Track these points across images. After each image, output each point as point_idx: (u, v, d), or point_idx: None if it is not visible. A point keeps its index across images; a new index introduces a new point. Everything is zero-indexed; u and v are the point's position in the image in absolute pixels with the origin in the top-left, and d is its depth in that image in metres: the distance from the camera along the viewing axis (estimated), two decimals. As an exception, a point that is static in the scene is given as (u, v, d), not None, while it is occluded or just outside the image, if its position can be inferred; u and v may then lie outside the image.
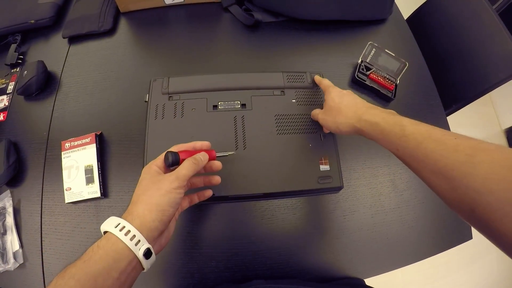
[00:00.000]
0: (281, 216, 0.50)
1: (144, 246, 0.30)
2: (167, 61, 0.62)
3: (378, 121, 0.35)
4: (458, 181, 0.25)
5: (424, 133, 0.29)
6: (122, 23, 0.68)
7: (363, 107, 0.39)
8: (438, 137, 0.28)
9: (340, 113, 0.40)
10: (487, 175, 0.23)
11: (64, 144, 0.54)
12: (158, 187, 0.33)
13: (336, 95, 0.43)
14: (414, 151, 0.30)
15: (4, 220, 0.55)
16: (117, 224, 0.30)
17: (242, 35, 0.63)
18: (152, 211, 0.31)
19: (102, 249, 0.29)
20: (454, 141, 0.27)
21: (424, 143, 0.29)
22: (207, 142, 0.41)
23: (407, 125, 0.31)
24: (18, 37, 0.69)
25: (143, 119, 0.52)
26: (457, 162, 0.25)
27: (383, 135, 0.34)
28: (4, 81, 0.66)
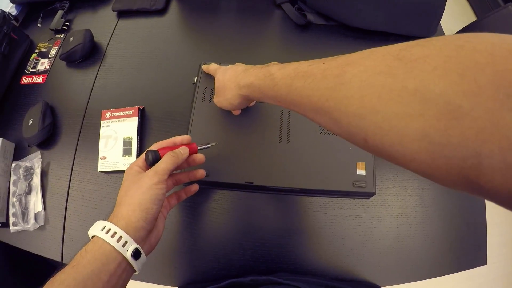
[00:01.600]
0: (312, 213, 0.50)
1: (132, 246, 0.30)
2: (214, 48, 0.63)
3: (252, 81, 0.33)
4: (337, 111, 0.20)
5: (291, 73, 0.26)
6: (174, 4, 0.68)
7: (241, 73, 0.36)
8: (304, 71, 0.24)
9: (226, 88, 0.39)
10: (362, 92, 0.18)
11: (104, 114, 0.54)
12: (139, 185, 0.33)
13: (221, 73, 0.41)
14: (289, 97, 0.26)
15: (31, 180, 0.55)
16: (103, 227, 0.30)
17: (292, 33, 0.64)
18: (135, 211, 0.31)
19: (90, 253, 0.29)
20: (322, 66, 0.23)
21: (294, 83, 0.25)
22: (188, 136, 0.40)
23: (275, 72, 0.29)
24: (66, 4, 0.70)
25: (187, 100, 0.53)
26: (328, 90, 0.21)
27: (262, 93, 0.32)
28: (47, 45, 0.67)
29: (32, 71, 0.64)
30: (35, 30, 0.69)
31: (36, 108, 0.58)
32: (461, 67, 0.14)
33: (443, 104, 0.14)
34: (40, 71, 0.64)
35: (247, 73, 0.35)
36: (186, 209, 0.50)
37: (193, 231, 0.49)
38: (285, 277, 0.42)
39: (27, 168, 0.56)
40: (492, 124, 0.12)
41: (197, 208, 0.50)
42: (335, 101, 0.20)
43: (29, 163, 0.56)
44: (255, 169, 0.46)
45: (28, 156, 0.57)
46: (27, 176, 0.56)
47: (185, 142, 0.39)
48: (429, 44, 0.17)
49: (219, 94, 0.43)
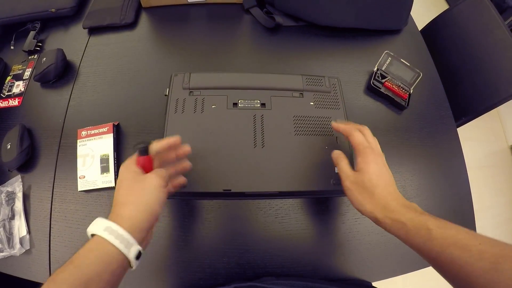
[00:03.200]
0: (294, 215, 0.50)
1: (136, 248, 0.30)
2: (186, 58, 0.63)
3: (404, 222, 0.34)
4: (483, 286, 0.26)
5: (450, 239, 0.30)
6: (143, 18, 0.68)
7: (393, 202, 0.36)
8: (463, 244, 0.29)
9: (371, 199, 0.37)
10: (510, 282, 0.24)
11: (80, 132, 0.54)
12: (143, 186, 0.33)
13: (374, 172, 0.38)
14: (439, 255, 0.30)
15: (13, 205, 0.55)
16: (106, 227, 0.30)
17: (262, 37, 0.64)
18: (141, 212, 0.32)
19: (93, 252, 0.29)
20: (479, 247, 0.28)
21: (450, 249, 0.29)
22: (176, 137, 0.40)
23: (433, 229, 0.31)
24: (37, 25, 0.69)
25: (160, 113, 0.52)
26: (481, 270, 0.26)
27: (408, 236, 0.33)
28: (21, 67, 0.66)
29: (7, 95, 0.64)
30: (8, 53, 0.69)
31: (13, 131, 0.57)
32: None
33: None
34: (15, 94, 0.63)
35: (400, 210, 0.35)
36: (169, 222, 0.50)
37: (177, 243, 0.49)
38: (270, 281, 0.42)
39: (8, 193, 0.56)
40: None
41: (180, 220, 0.50)
42: (485, 281, 0.26)
43: (10, 187, 0.56)
44: (232, 176, 0.46)
45: (9, 181, 0.56)
46: (9, 201, 0.55)
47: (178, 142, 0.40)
48: None
49: (359, 192, 0.38)
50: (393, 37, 0.70)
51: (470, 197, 0.57)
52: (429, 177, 0.57)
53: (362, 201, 0.38)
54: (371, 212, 0.37)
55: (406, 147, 0.59)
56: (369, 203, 0.37)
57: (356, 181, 0.39)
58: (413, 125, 0.61)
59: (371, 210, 0.37)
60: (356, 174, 0.39)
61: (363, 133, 0.42)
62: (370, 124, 0.58)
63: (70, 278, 0.27)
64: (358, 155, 0.40)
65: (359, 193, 0.38)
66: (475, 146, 1.53)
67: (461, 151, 0.60)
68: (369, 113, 0.61)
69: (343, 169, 0.41)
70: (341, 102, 0.53)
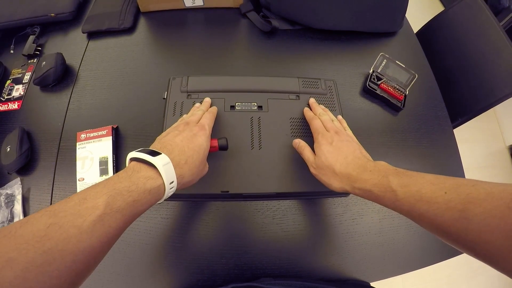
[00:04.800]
0: (291, 216, 0.51)
1: (173, 191, 0.34)
2: (184, 61, 0.63)
3: (370, 188, 0.35)
4: (456, 235, 0.27)
5: (415, 196, 0.30)
6: (142, 22, 0.69)
7: (355, 172, 0.37)
8: (428, 197, 0.29)
9: (335, 176, 0.39)
10: (481, 228, 0.25)
11: (79, 135, 0.54)
12: (196, 144, 0.38)
13: (328, 151, 0.40)
14: (409, 213, 0.31)
15: (12, 207, 0.55)
16: (172, 182, 0.33)
17: (259, 40, 0.65)
18: (192, 170, 0.36)
19: (151, 195, 0.31)
20: (445, 197, 0.28)
21: (417, 205, 0.30)
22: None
23: (397, 190, 0.32)
24: (37, 29, 0.70)
25: (159, 116, 0.53)
26: (451, 219, 0.27)
27: (378, 200, 0.35)
28: (20, 71, 0.67)
29: (7, 98, 0.64)
30: (8, 57, 0.70)
31: (13, 134, 0.58)
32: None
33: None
34: (15, 97, 0.64)
35: (364, 177, 0.36)
36: (167, 224, 0.50)
37: (175, 244, 0.49)
38: (268, 282, 0.43)
39: (8, 195, 0.56)
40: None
41: (178, 221, 0.50)
42: (456, 230, 0.26)
43: (10, 190, 0.56)
44: (229, 177, 0.46)
45: (8, 184, 0.57)
46: (8, 204, 0.55)
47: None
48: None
49: (322, 173, 0.40)
50: (388, 39, 0.71)
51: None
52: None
53: (328, 181, 0.40)
54: (341, 188, 0.38)
55: (402, 148, 0.59)
56: (335, 181, 0.39)
57: (317, 165, 0.41)
58: (409, 126, 0.61)
59: (339, 186, 0.38)
60: (316, 159, 0.42)
61: (321, 119, 0.45)
62: (367, 125, 0.60)
63: (126, 210, 0.28)
64: (314, 141, 0.43)
65: (323, 175, 0.40)
66: (473, 147, 1.54)
67: (457, 151, 0.61)
68: (366, 115, 0.61)
69: (306, 157, 0.43)
70: (337, 104, 0.53)
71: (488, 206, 0.25)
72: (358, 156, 0.39)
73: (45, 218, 0.24)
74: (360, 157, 0.39)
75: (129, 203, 0.28)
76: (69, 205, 0.26)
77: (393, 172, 0.34)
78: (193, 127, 0.40)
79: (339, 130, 0.43)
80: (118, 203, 0.27)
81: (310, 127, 0.46)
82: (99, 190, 0.28)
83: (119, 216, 0.27)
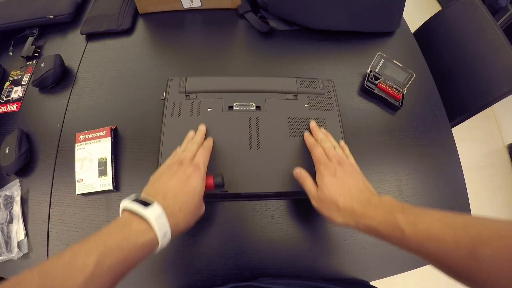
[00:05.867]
0: (290, 216, 0.51)
1: (167, 242, 0.34)
2: (182, 62, 0.64)
3: (375, 226, 0.34)
4: (464, 274, 0.27)
5: (423, 235, 0.30)
6: (140, 23, 0.69)
7: (359, 207, 0.36)
8: (437, 236, 0.29)
9: (338, 211, 0.37)
10: (490, 268, 0.24)
11: (78, 136, 0.54)
12: (190, 188, 0.37)
13: (331, 184, 0.38)
14: (417, 251, 0.31)
15: (11, 209, 0.55)
16: (166, 232, 0.32)
17: (257, 41, 0.65)
18: (187, 216, 0.36)
19: (143, 249, 0.30)
20: (454, 236, 0.27)
21: (425, 244, 0.29)
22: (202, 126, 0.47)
23: (405, 229, 0.31)
24: (35, 31, 0.70)
25: (157, 116, 0.53)
26: (460, 258, 0.27)
27: (383, 238, 0.34)
28: (19, 73, 0.67)
29: (6, 100, 0.64)
30: (7, 59, 0.70)
31: (12, 136, 0.58)
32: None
33: None
34: (14, 99, 0.64)
35: (370, 214, 0.35)
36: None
37: (175, 245, 0.49)
38: (267, 281, 0.43)
39: (7, 197, 0.56)
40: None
41: (177, 221, 0.50)
42: (465, 269, 0.26)
43: (9, 191, 0.56)
44: (228, 177, 0.46)
45: (7, 185, 0.57)
46: (7, 205, 0.56)
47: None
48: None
49: (325, 207, 0.39)
50: (386, 39, 0.71)
51: (466, 195, 0.58)
52: (424, 176, 0.58)
53: (330, 216, 0.38)
54: (344, 223, 0.37)
55: (400, 147, 0.59)
56: (338, 216, 0.37)
57: (319, 198, 0.39)
58: (407, 125, 0.62)
59: (342, 221, 0.37)
60: (318, 192, 0.39)
61: (323, 146, 0.44)
62: (365, 124, 0.60)
63: (117, 266, 0.28)
64: (316, 172, 0.41)
65: (326, 209, 0.38)
66: (472, 146, 1.54)
67: (455, 149, 0.61)
68: (363, 114, 0.62)
69: (307, 189, 0.41)
70: (335, 104, 0.54)
71: (497, 245, 0.25)
72: (362, 189, 0.38)
73: (37, 279, 0.24)
74: (364, 191, 0.38)
75: (120, 260, 0.28)
76: (60, 263, 0.26)
77: (399, 209, 0.33)
78: (187, 167, 0.38)
79: (342, 159, 0.42)
80: (109, 261, 0.27)
81: (312, 155, 0.44)
82: (89, 246, 0.28)
83: (110, 275, 0.27)
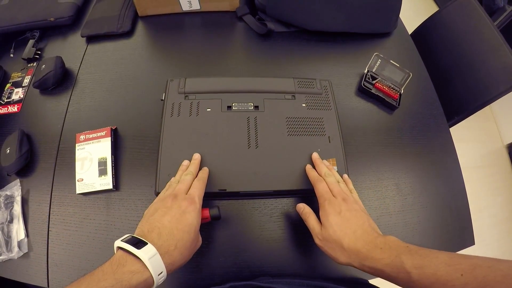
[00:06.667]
0: (289, 214, 0.51)
1: (163, 279, 0.33)
2: (181, 64, 0.65)
3: (382, 268, 0.33)
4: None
5: (430, 278, 0.30)
6: (140, 26, 0.70)
7: (364, 249, 0.35)
8: (444, 280, 0.29)
9: (342, 251, 0.37)
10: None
11: (78, 137, 0.55)
12: (185, 223, 0.36)
13: (336, 223, 0.38)
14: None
15: (12, 208, 0.55)
16: (161, 272, 0.32)
17: (255, 43, 0.66)
18: (183, 253, 0.35)
19: (136, 280, 0.30)
20: (461, 280, 0.28)
21: (433, 287, 0.30)
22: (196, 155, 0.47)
23: (412, 271, 0.31)
24: (36, 33, 0.71)
25: (157, 117, 0.54)
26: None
27: (389, 279, 0.34)
28: (20, 75, 0.68)
29: (7, 101, 0.65)
30: (8, 61, 0.70)
31: (13, 136, 0.58)
32: None
33: None
34: (14, 100, 0.65)
35: (374, 255, 0.34)
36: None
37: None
38: (266, 280, 0.43)
39: (7, 196, 0.56)
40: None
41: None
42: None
43: (9, 191, 0.57)
44: (227, 176, 0.47)
45: (8, 185, 0.57)
46: (8, 205, 0.56)
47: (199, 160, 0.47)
48: None
49: (329, 246, 0.38)
50: (383, 40, 0.72)
51: (464, 194, 0.58)
52: (422, 175, 0.58)
53: (335, 256, 0.38)
54: (348, 263, 0.37)
55: (398, 146, 0.60)
56: (341, 256, 0.37)
57: (323, 237, 0.39)
58: (404, 124, 0.62)
59: (346, 261, 0.37)
60: (322, 230, 0.39)
61: (327, 181, 0.43)
62: (362, 124, 0.61)
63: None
64: (320, 208, 0.41)
65: (330, 249, 0.38)
66: (471, 146, 1.55)
67: (453, 148, 0.61)
68: (361, 114, 0.62)
69: (311, 226, 0.41)
70: (333, 103, 0.54)
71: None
72: (367, 230, 0.37)
73: None
74: (370, 232, 0.37)
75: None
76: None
77: (405, 251, 0.33)
78: (181, 201, 0.37)
79: (347, 196, 0.41)
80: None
81: (315, 190, 0.43)
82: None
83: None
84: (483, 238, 1.32)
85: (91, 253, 0.49)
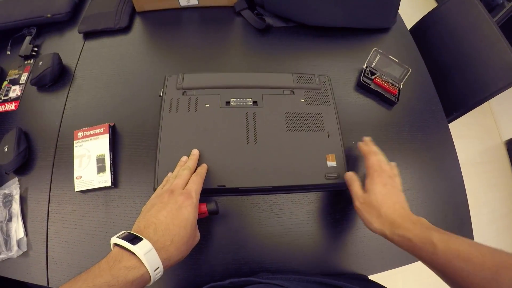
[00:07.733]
0: (288, 210, 0.51)
1: (160, 275, 0.33)
2: (179, 60, 0.64)
3: (410, 237, 0.36)
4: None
5: (453, 252, 0.32)
6: (137, 22, 0.70)
7: (399, 219, 0.39)
8: (465, 256, 0.31)
9: (378, 217, 0.40)
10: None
11: (76, 134, 0.55)
12: (182, 218, 0.36)
13: (380, 192, 0.41)
14: (443, 268, 0.33)
15: (10, 207, 0.55)
16: (157, 268, 0.32)
17: (253, 38, 0.66)
18: (179, 248, 0.35)
19: (135, 286, 0.30)
20: (481, 258, 0.30)
21: (453, 261, 0.32)
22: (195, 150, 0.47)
23: (438, 243, 0.34)
24: (33, 30, 0.71)
25: (155, 113, 0.54)
26: (483, 280, 0.29)
27: (415, 250, 0.36)
28: (17, 72, 0.67)
29: (4, 99, 0.64)
30: (4, 58, 0.70)
31: (10, 134, 0.58)
32: None
33: None
34: (12, 98, 0.64)
35: (407, 225, 0.37)
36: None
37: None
38: (266, 276, 0.43)
39: (5, 195, 0.56)
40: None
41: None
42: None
43: (8, 190, 0.56)
44: (226, 172, 0.47)
45: (6, 183, 0.57)
46: (6, 203, 0.56)
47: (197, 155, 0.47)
48: None
49: (367, 211, 0.41)
50: (382, 35, 0.72)
51: (463, 190, 0.58)
52: (421, 170, 0.58)
53: (370, 220, 0.41)
54: (380, 229, 0.39)
55: (397, 141, 0.60)
56: (376, 221, 0.40)
57: (364, 201, 0.42)
58: (403, 120, 0.62)
59: (379, 227, 0.40)
60: (364, 195, 0.42)
61: (379, 157, 0.46)
62: (361, 119, 0.60)
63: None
64: (367, 176, 0.44)
65: (367, 212, 0.41)
66: (470, 143, 1.55)
67: (452, 144, 0.61)
68: (360, 109, 0.62)
69: (354, 190, 0.44)
70: (331, 99, 0.54)
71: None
72: (404, 206, 0.41)
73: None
74: (406, 208, 0.41)
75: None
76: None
77: (434, 228, 0.36)
78: (178, 196, 0.38)
79: (394, 176, 0.44)
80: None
81: (366, 161, 0.46)
82: (78, 287, 0.28)
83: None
84: (482, 233, 1.33)
85: (91, 250, 0.49)
